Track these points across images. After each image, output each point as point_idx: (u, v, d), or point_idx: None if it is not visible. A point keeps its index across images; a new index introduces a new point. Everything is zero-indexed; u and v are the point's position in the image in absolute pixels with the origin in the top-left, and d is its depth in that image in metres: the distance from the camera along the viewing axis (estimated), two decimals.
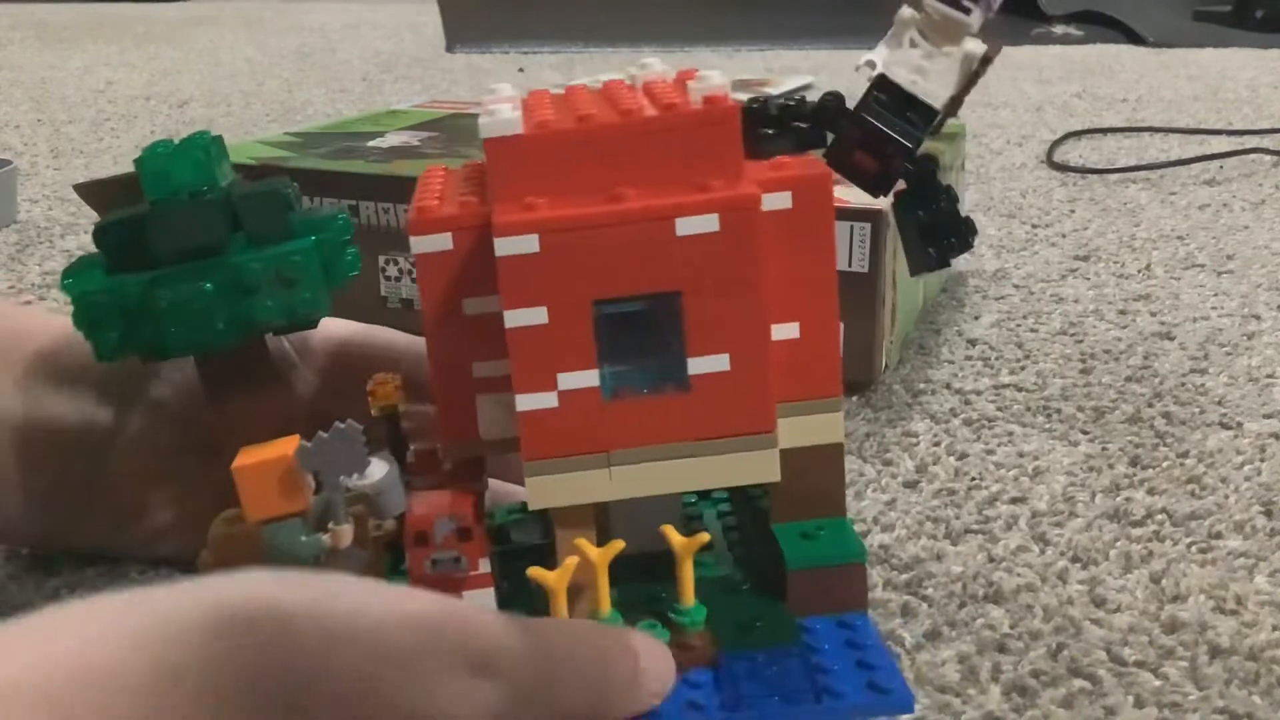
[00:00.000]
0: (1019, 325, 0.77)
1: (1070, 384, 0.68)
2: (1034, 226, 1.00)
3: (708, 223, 0.32)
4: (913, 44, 0.36)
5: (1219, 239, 0.95)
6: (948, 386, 0.67)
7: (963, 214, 0.38)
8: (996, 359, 0.71)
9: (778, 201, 0.34)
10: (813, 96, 0.38)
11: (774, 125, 0.37)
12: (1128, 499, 0.55)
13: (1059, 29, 2.28)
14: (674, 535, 0.35)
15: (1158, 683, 0.42)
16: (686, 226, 0.32)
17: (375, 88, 1.73)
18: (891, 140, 0.36)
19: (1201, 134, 1.33)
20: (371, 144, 0.84)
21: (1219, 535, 0.52)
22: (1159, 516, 0.53)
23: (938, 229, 0.38)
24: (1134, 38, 2.18)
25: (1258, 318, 0.78)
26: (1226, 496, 0.55)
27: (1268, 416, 0.63)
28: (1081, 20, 2.33)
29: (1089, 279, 0.86)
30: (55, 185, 1.14)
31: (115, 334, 0.39)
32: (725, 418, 0.33)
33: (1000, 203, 1.07)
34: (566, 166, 0.33)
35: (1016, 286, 0.84)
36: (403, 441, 0.40)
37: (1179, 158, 1.21)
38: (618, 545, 0.35)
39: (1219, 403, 0.65)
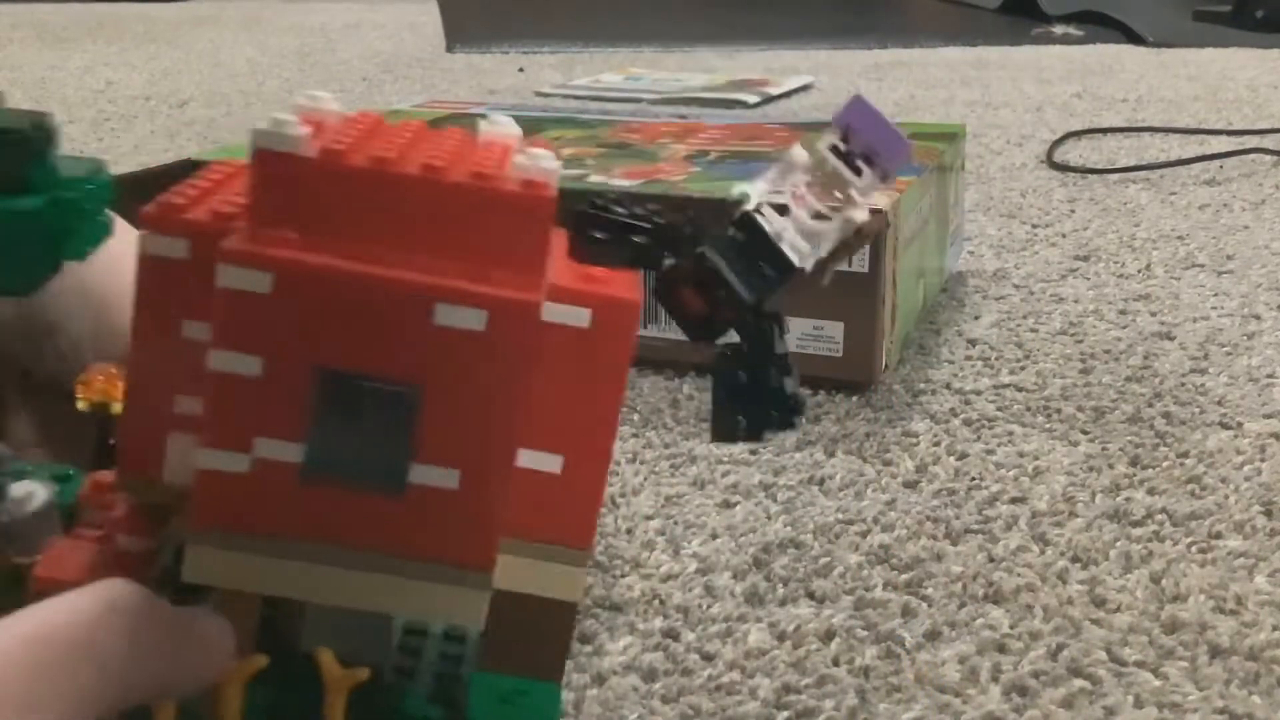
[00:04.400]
0: (1019, 325, 0.77)
1: (1070, 384, 0.68)
2: (1034, 226, 1.00)
3: (473, 318, 0.27)
4: (795, 191, 0.32)
5: (1219, 239, 0.95)
6: (948, 386, 0.67)
7: (789, 390, 0.33)
8: (996, 359, 0.71)
9: (573, 317, 0.29)
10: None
11: (610, 231, 0.33)
12: (1128, 499, 0.55)
13: (1059, 29, 2.28)
14: (329, 664, 0.30)
15: (1158, 683, 0.42)
16: (447, 316, 0.27)
17: (375, 88, 1.73)
18: (728, 286, 0.32)
19: (1201, 134, 1.33)
20: None
21: (1219, 535, 0.52)
22: (1159, 516, 0.53)
23: (758, 396, 0.33)
24: (1134, 38, 2.18)
25: (1258, 318, 0.78)
26: (1226, 496, 0.55)
27: (1268, 416, 0.63)
28: (1081, 20, 2.33)
29: (1089, 279, 0.86)
30: None
31: None
32: (438, 540, 0.28)
33: (1000, 203, 1.07)
34: (344, 208, 0.28)
35: (1016, 286, 0.84)
36: (113, 449, 0.34)
37: (1179, 158, 1.21)
38: (258, 662, 0.30)
39: (1219, 403, 0.65)
